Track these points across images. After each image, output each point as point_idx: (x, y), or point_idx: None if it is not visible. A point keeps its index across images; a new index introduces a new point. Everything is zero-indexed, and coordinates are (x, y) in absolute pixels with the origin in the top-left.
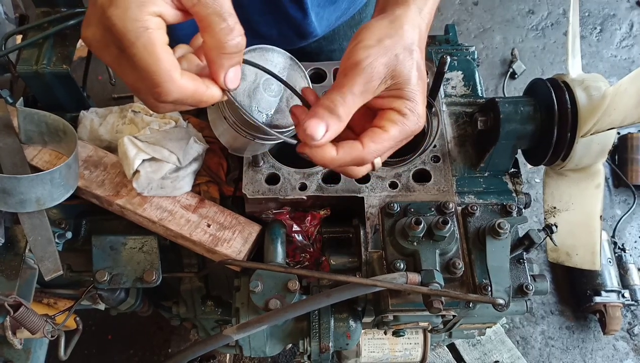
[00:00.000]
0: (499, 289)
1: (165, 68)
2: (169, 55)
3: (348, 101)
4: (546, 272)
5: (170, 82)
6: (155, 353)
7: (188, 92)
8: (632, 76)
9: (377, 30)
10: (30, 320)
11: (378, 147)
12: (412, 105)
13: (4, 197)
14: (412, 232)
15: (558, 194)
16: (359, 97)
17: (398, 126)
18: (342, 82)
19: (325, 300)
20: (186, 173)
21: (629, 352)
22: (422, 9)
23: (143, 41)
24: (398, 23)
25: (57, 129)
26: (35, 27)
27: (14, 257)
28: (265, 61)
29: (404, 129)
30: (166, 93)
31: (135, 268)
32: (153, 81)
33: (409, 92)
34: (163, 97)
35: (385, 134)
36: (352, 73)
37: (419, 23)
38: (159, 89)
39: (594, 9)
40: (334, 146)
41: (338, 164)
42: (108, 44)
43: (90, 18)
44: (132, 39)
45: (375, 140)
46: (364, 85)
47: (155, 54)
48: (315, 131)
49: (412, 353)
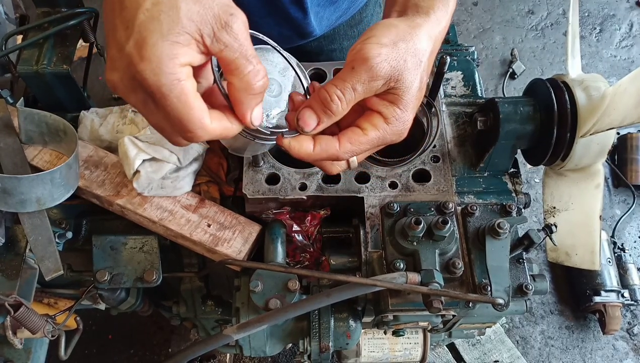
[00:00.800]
0: (499, 289)
1: (198, 116)
2: (201, 103)
3: (347, 97)
4: (546, 271)
5: (202, 129)
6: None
7: (216, 133)
8: (632, 76)
9: (394, 31)
10: (31, 320)
11: (354, 148)
12: (401, 114)
13: (5, 197)
14: (412, 232)
15: (557, 194)
16: (359, 93)
17: (379, 132)
18: (346, 76)
19: (325, 299)
20: (186, 173)
21: (628, 352)
22: (440, 21)
23: (176, 93)
24: (416, 30)
25: (57, 129)
26: (36, 27)
27: (14, 257)
28: (266, 61)
29: (384, 136)
30: (198, 137)
31: (135, 268)
32: (185, 128)
33: (404, 101)
34: (194, 140)
35: (364, 137)
36: (359, 67)
37: (435, 35)
38: (190, 134)
39: (594, 9)
40: (312, 141)
41: (313, 159)
42: (135, 89)
43: (116, 63)
44: (166, 92)
45: (352, 142)
46: (368, 83)
47: (188, 103)
48: (307, 123)
49: (412, 353)
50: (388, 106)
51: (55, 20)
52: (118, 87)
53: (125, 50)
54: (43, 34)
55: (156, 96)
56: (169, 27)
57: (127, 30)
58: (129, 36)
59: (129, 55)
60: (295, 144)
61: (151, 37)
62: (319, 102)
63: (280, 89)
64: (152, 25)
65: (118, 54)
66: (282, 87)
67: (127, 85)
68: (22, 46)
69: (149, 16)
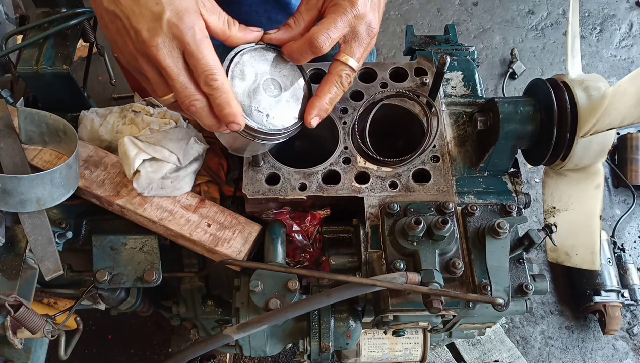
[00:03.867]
0: (499, 289)
1: (214, 57)
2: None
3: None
4: (546, 271)
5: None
6: (156, 353)
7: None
8: (632, 76)
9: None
10: (31, 320)
11: (323, 29)
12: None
13: (5, 197)
14: (412, 232)
15: (558, 194)
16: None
17: (341, 14)
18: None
19: (325, 299)
20: (186, 173)
21: (628, 352)
22: None
23: (206, 42)
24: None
25: (57, 129)
26: (36, 27)
27: (14, 257)
28: (265, 61)
29: (336, 10)
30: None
31: (135, 268)
32: (211, 71)
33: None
34: (217, 83)
35: (330, 20)
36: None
37: None
38: (213, 75)
39: (594, 9)
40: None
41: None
42: (173, 49)
43: (157, 30)
44: (199, 40)
45: (321, 25)
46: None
47: (211, 49)
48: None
49: (412, 353)
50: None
51: (55, 20)
52: (160, 49)
53: (165, 17)
54: (43, 34)
55: (191, 46)
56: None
57: (158, 5)
58: (162, 8)
59: (169, 20)
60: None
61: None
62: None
63: (280, 89)
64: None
65: (156, 22)
66: (281, 88)
67: (168, 46)
68: (22, 46)
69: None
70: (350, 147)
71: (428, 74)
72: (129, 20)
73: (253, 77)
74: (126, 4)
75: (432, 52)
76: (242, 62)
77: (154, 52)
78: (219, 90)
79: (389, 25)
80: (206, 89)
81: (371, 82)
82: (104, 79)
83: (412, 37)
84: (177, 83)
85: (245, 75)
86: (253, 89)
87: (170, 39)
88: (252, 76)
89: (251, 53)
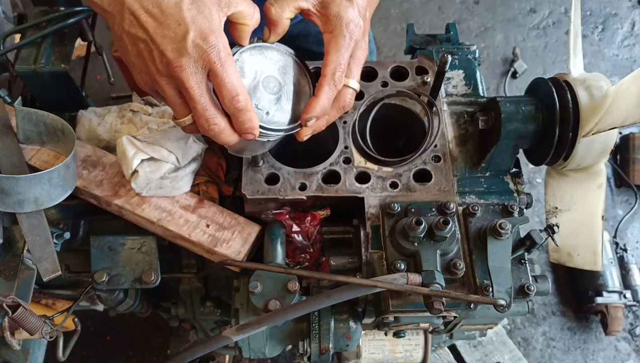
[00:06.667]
0: (500, 290)
1: (238, 76)
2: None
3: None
4: (548, 272)
5: (241, 85)
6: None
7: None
8: (634, 75)
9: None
10: (29, 321)
11: (334, 59)
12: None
13: (2, 197)
14: (413, 233)
15: (560, 194)
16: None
17: (331, 47)
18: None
19: (326, 301)
20: (185, 173)
21: (630, 353)
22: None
23: (230, 60)
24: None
25: (55, 129)
26: (34, 26)
27: (12, 258)
28: (265, 59)
29: (339, 42)
30: (241, 92)
31: (133, 268)
32: (236, 91)
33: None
34: (240, 101)
35: (333, 49)
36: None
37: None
38: (238, 96)
39: (596, 7)
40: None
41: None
42: (197, 69)
43: (182, 51)
44: (224, 58)
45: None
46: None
47: (235, 66)
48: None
49: (413, 355)
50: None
51: (53, 19)
52: (184, 69)
53: (190, 38)
54: (41, 33)
55: (217, 65)
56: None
57: (182, 26)
58: (187, 29)
59: (194, 41)
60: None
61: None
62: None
63: (280, 86)
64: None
65: (180, 43)
66: (281, 85)
67: (192, 66)
68: (20, 45)
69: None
70: (350, 146)
71: (429, 73)
72: (153, 42)
73: (253, 75)
74: (149, 27)
75: (433, 51)
76: (241, 60)
77: (178, 72)
78: (242, 110)
79: (389, 23)
80: (231, 110)
81: (372, 81)
82: (102, 78)
83: (413, 36)
84: (199, 105)
85: (245, 72)
86: (253, 86)
87: (195, 60)
88: (252, 74)
89: (251, 51)
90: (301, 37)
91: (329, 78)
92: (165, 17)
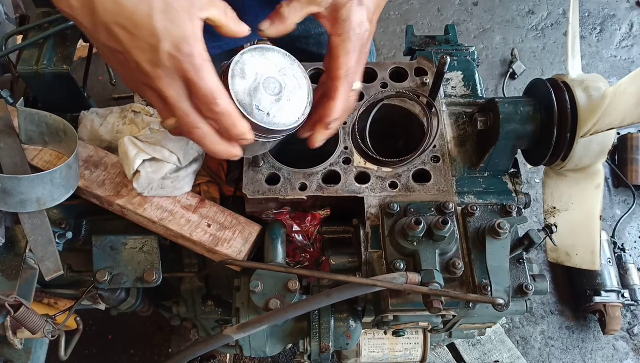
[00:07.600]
0: (499, 289)
1: (216, 79)
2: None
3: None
4: (546, 271)
5: (220, 89)
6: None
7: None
8: (632, 76)
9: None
10: (31, 320)
11: (342, 61)
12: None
13: (5, 197)
14: (412, 232)
15: (558, 194)
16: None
17: (340, 50)
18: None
19: (325, 299)
20: (186, 173)
21: (628, 352)
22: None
23: (207, 66)
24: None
25: (57, 129)
26: (36, 27)
27: (14, 257)
28: (265, 60)
29: (348, 45)
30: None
31: (135, 268)
32: (213, 95)
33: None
34: (217, 103)
35: (340, 53)
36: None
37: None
38: (215, 98)
39: (594, 9)
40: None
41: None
42: (174, 78)
43: (159, 62)
44: (199, 64)
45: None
46: None
47: (212, 72)
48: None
49: (412, 353)
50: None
51: (55, 20)
52: (161, 79)
53: (163, 48)
54: (43, 34)
55: (191, 74)
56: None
57: (154, 37)
58: (159, 40)
59: (167, 50)
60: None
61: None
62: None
63: (280, 88)
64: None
65: (154, 54)
66: (282, 86)
67: (169, 76)
68: (22, 46)
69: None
70: (350, 147)
71: (428, 74)
72: (129, 53)
73: (253, 76)
74: (123, 39)
75: (432, 52)
76: (242, 61)
77: (156, 83)
78: (222, 114)
79: (389, 25)
80: (210, 114)
81: (371, 82)
82: (104, 79)
83: (412, 37)
84: (178, 111)
85: (245, 73)
86: (253, 87)
87: (170, 69)
88: (253, 75)
89: (251, 52)
90: (301, 39)
91: (344, 80)
92: (138, 28)
